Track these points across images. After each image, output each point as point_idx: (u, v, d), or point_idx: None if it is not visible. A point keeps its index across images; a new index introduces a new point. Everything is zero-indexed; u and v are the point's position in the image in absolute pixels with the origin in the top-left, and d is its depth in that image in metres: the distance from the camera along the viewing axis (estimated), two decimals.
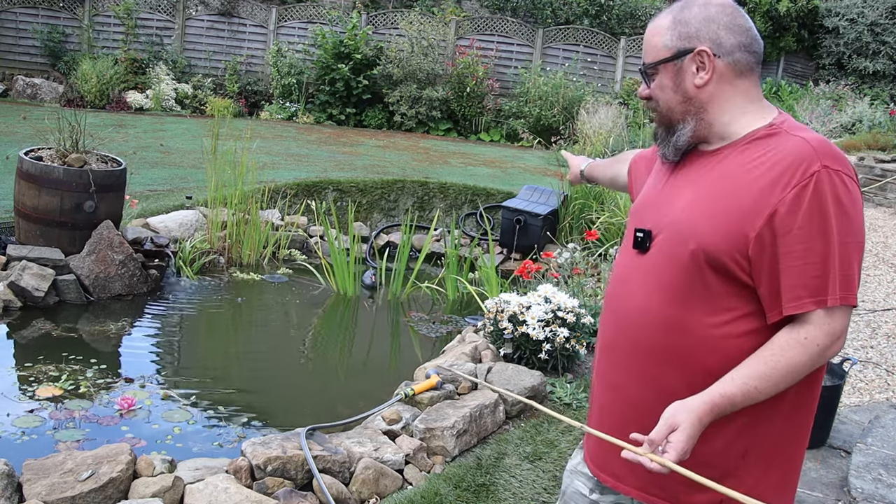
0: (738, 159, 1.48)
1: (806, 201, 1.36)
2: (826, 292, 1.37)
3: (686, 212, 1.49)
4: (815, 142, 1.42)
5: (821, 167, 1.37)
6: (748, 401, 1.39)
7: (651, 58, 1.55)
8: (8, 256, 4.86)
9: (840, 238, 1.38)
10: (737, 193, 1.43)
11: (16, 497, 2.62)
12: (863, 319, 5.54)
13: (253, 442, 2.96)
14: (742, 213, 1.41)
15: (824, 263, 1.37)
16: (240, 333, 5.28)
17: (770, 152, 1.44)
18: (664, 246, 1.51)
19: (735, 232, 1.41)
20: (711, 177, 1.50)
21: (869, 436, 3.32)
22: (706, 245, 1.43)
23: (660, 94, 1.55)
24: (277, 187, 7.20)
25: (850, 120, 13.19)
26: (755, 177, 1.42)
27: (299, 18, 13.90)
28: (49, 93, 12.59)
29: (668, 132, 1.57)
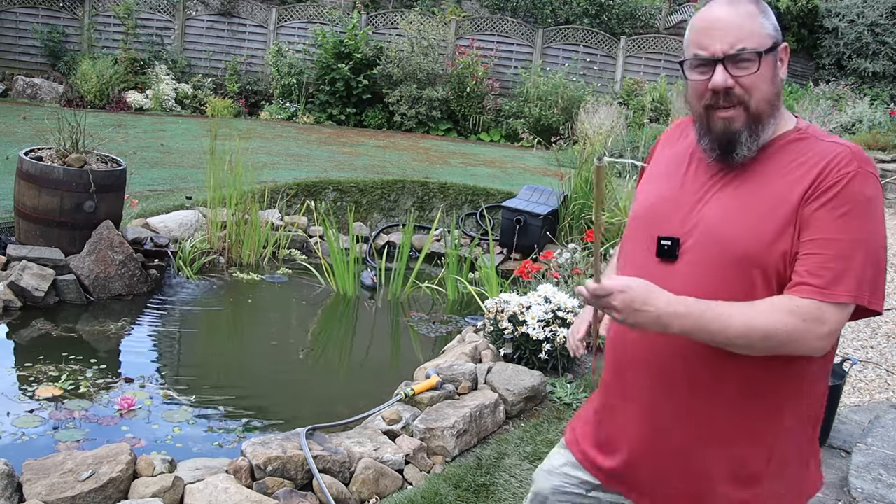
0: (774, 161, 1.44)
1: (841, 195, 1.35)
2: (840, 287, 1.33)
3: (724, 218, 1.43)
4: (852, 145, 1.42)
5: (858, 167, 1.37)
6: (713, 324, 1.34)
7: (755, 43, 1.41)
8: (8, 256, 4.86)
9: (872, 237, 1.36)
10: (777, 197, 1.39)
11: (16, 497, 2.62)
12: (863, 319, 5.55)
13: (253, 442, 2.96)
14: (784, 215, 1.38)
15: (849, 259, 1.34)
16: (240, 333, 5.28)
17: (806, 154, 1.42)
18: (702, 254, 1.44)
19: (779, 234, 1.37)
20: (745, 179, 1.45)
21: (869, 436, 3.32)
22: (753, 251, 1.39)
23: (759, 85, 1.42)
24: (277, 187, 7.20)
25: (850, 120, 13.19)
26: (793, 179, 1.40)
27: (299, 18, 13.90)
28: (49, 93, 12.59)
29: (753, 130, 1.44)
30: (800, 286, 1.35)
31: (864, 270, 1.34)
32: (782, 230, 1.37)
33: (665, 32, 14.93)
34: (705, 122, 1.47)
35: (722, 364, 1.42)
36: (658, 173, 1.63)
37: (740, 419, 1.46)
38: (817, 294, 1.33)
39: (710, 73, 1.43)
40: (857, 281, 1.33)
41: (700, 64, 1.44)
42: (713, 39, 1.42)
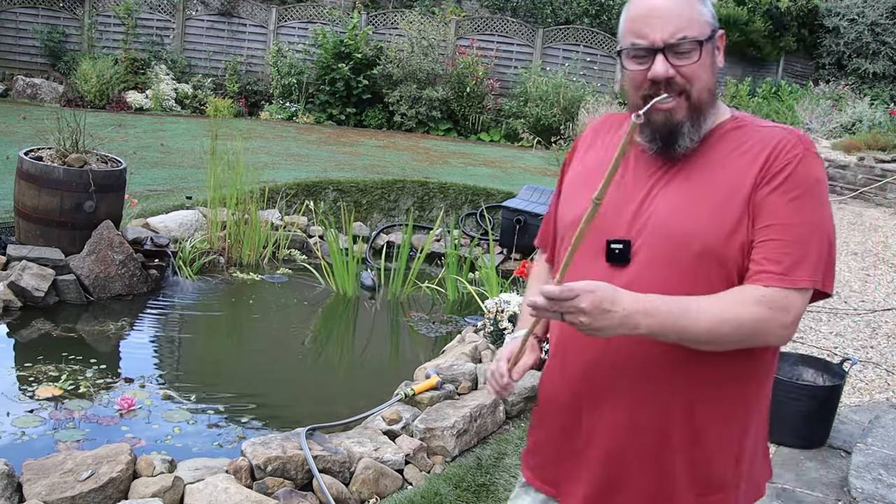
0: (716, 151, 1.40)
1: (791, 179, 1.33)
2: (800, 272, 1.31)
3: (675, 213, 1.37)
4: (794, 129, 1.41)
5: (805, 150, 1.35)
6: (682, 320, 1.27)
7: (695, 31, 1.35)
8: (8, 256, 4.86)
9: (824, 220, 1.34)
10: (726, 186, 1.36)
11: (16, 497, 2.62)
12: (863, 319, 5.55)
13: (253, 442, 2.96)
14: (737, 203, 1.34)
15: (806, 243, 1.32)
16: (240, 333, 5.28)
17: (749, 141, 1.39)
18: (656, 253, 1.37)
19: (735, 224, 1.33)
20: (689, 171, 1.40)
21: (869, 436, 3.32)
22: (711, 245, 1.34)
23: (700, 75, 1.37)
24: (277, 187, 7.20)
25: (850, 120, 13.19)
26: (740, 166, 1.36)
27: (299, 18, 13.90)
28: (49, 93, 12.59)
29: (695, 120, 1.39)
30: (761, 274, 1.31)
31: (820, 254, 1.32)
32: (738, 220, 1.33)
33: None
34: (645, 114, 1.40)
35: (689, 364, 1.37)
36: (588, 174, 1.53)
37: (710, 420, 1.41)
38: (780, 281, 1.30)
39: (648, 62, 1.36)
40: (815, 265, 1.31)
41: (638, 53, 1.37)
42: (652, 28, 1.35)
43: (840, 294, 6.15)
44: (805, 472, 3.14)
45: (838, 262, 7.09)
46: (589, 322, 1.24)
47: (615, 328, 1.25)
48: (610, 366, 1.42)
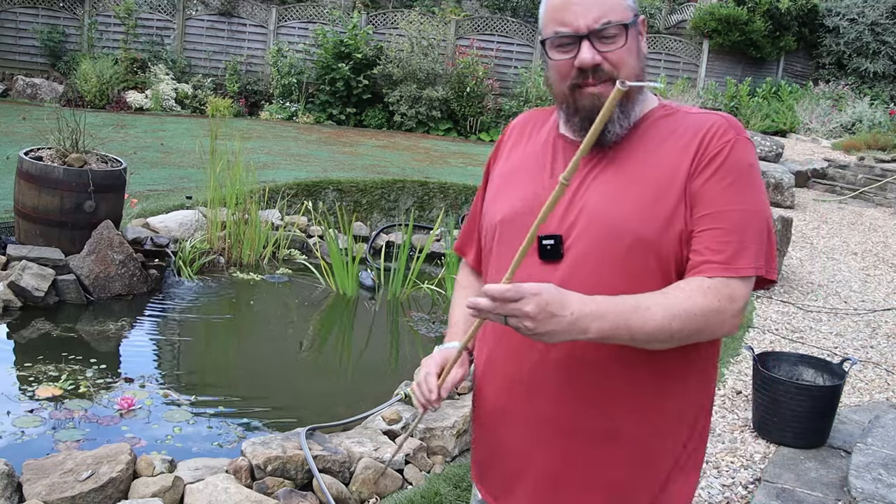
0: (647, 139, 1.36)
1: (725, 165, 1.30)
2: (742, 260, 1.28)
3: (607, 205, 1.32)
4: (724, 114, 1.37)
5: (736, 135, 1.32)
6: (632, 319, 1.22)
7: (619, 15, 1.32)
8: (8, 256, 4.86)
9: (761, 205, 1.32)
10: (657, 175, 1.32)
11: (16, 497, 2.62)
12: (863, 319, 5.55)
13: (253, 442, 2.96)
14: (670, 191, 1.30)
15: (745, 230, 1.29)
16: (239, 333, 5.28)
17: (680, 128, 1.36)
18: (590, 246, 1.32)
19: (669, 213, 1.30)
20: (620, 161, 1.36)
21: (869, 436, 3.32)
22: (645, 235, 1.29)
23: (627, 60, 1.33)
24: (277, 187, 7.20)
25: (850, 120, 13.19)
26: (671, 153, 1.33)
27: (299, 18, 13.91)
28: (49, 93, 12.59)
29: (623, 106, 1.35)
30: (704, 265, 1.28)
31: (760, 240, 1.30)
32: (673, 210, 1.30)
33: (665, 32, 14.93)
34: (572, 103, 1.37)
35: (634, 366, 1.33)
36: (516, 171, 1.48)
37: (654, 423, 1.37)
38: (723, 271, 1.27)
39: (574, 50, 1.32)
40: (756, 252, 1.29)
41: (563, 42, 1.33)
42: (575, 14, 1.31)
43: (840, 294, 6.15)
44: (805, 472, 3.14)
45: (839, 262, 7.10)
46: (534, 327, 1.16)
47: (562, 333, 1.19)
48: (536, 380, 1.37)
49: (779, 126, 13.20)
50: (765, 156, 10.62)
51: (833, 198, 10.12)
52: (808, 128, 13.28)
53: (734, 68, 14.73)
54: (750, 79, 14.26)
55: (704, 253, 1.28)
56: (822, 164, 10.94)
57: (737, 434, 3.55)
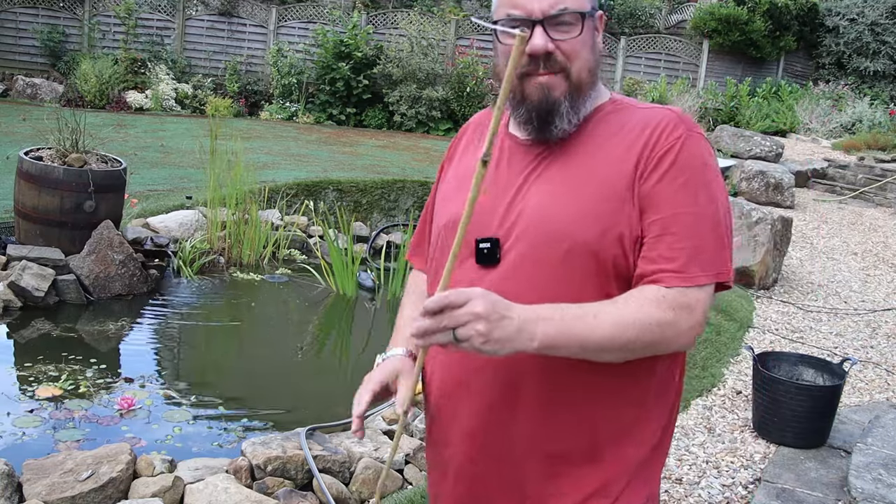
0: (595, 135, 1.28)
1: (673, 162, 1.21)
2: (698, 268, 1.20)
3: (547, 206, 1.24)
4: (676, 109, 1.30)
5: (686, 130, 1.24)
6: (578, 327, 1.14)
7: (576, 3, 1.24)
8: (8, 256, 4.86)
9: (715, 205, 1.23)
10: (603, 174, 1.24)
11: (16, 497, 2.62)
12: (863, 319, 5.55)
13: (253, 442, 2.96)
14: (615, 192, 1.22)
15: (701, 234, 1.21)
16: (239, 333, 5.28)
17: (628, 124, 1.27)
18: (527, 250, 1.24)
19: (613, 215, 1.21)
20: (565, 159, 1.28)
21: (869, 436, 3.32)
22: (585, 239, 1.21)
23: (581, 52, 1.25)
24: (277, 187, 7.20)
25: (850, 120, 13.20)
26: (619, 151, 1.25)
27: (299, 18, 13.91)
28: (49, 93, 12.59)
29: (573, 100, 1.26)
30: (659, 274, 1.19)
31: (716, 244, 1.22)
32: (618, 210, 1.21)
33: (665, 32, 14.93)
34: (519, 92, 1.28)
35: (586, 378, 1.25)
36: (465, 174, 1.39)
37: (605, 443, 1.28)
38: (679, 279, 1.18)
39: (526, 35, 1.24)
40: (712, 257, 1.21)
41: (514, 25, 1.23)
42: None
43: (840, 294, 6.15)
44: (805, 472, 3.14)
45: (839, 262, 7.10)
46: (487, 330, 1.08)
47: (513, 339, 1.10)
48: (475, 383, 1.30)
49: (779, 126, 13.20)
50: (765, 156, 10.62)
51: (833, 198, 10.12)
52: (808, 128, 13.29)
53: (734, 68, 14.73)
54: (750, 79, 14.26)
55: (657, 261, 1.20)
56: (822, 164, 10.94)
57: (737, 434, 3.55)
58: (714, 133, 11.51)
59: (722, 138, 11.20)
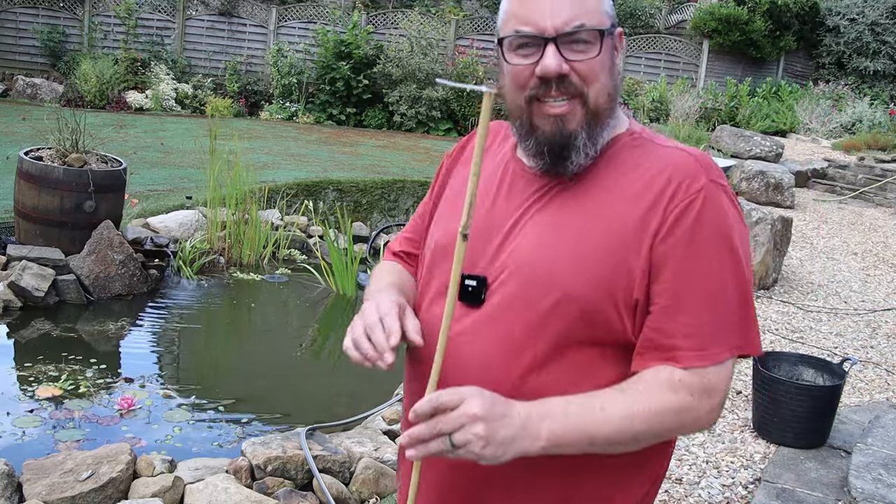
0: (607, 173, 1.15)
1: (693, 222, 1.08)
2: (719, 344, 1.07)
3: (540, 249, 1.12)
4: (696, 153, 1.15)
5: (707, 181, 1.10)
6: (586, 420, 1.04)
7: (595, 20, 1.10)
8: (8, 256, 4.86)
9: (737, 268, 1.10)
10: (608, 220, 1.10)
11: (16, 497, 2.62)
12: (863, 319, 5.55)
13: (253, 442, 2.96)
14: (619, 245, 1.09)
15: (723, 304, 1.08)
16: (239, 333, 5.28)
17: (643, 165, 1.14)
18: (510, 297, 1.12)
19: (613, 271, 1.08)
20: (571, 196, 1.15)
21: (869, 436, 3.32)
22: (576, 293, 1.08)
23: (599, 74, 1.11)
24: (277, 187, 7.20)
25: (850, 120, 13.20)
26: (630, 196, 1.11)
27: (299, 18, 13.91)
28: (49, 93, 12.59)
29: (591, 130, 1.13)
30: (674, 352, 1.06)
31: (741, 313, 1.09)
32: (620, 267, 1.08)
33: (665, 32, 14.93)
34: (528, 120, 1.14)
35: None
36: (456, 194, 1.28)
37: None
38: (699, 359, 1.06)
39: (537, 55, 1.10)
40: (736, 329, 1.09)
41: (524, 43, 1.11)
42: (543, 12, 1.09)
43: (840, 294, 6.15)
44: (805, 472, 3.14)
45: (839, 262, 7.10)
46: (488, 433, 0.97)
47: (516, 440, 1.00)
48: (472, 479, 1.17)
49: (779, 126, 13.21)
50: (765, 156, 10.62)
51: (833, 198, 10.12)
52: (808, 128, 13.29)
53: (734, 68, 14.73)
54: (750, 79, 14.26)
55: (673, 335, 1.07)
56: (822, 164, 10.94)
57: (737, 434, 3.55)
58: (714, 133, 11.51)
59: (722, 138, 11.19)
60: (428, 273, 1.26)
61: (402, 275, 1.35)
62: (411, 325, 1.15)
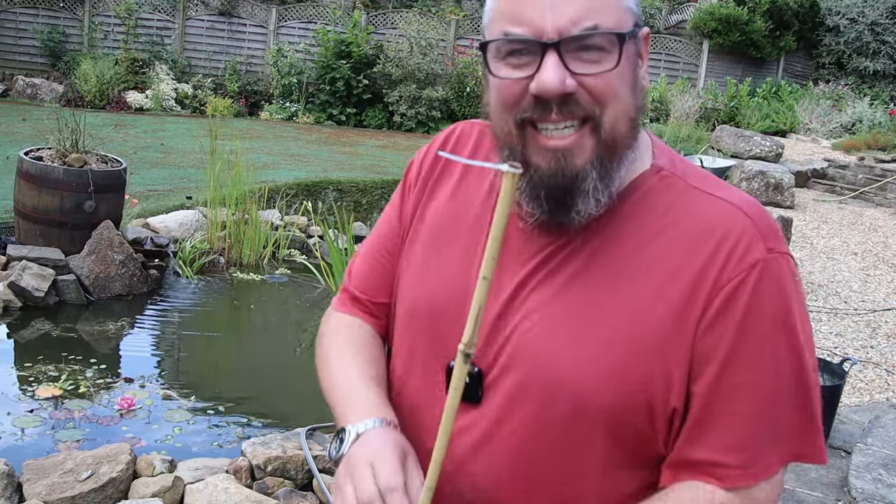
0: (626, 226, 0.88)
1: (745, 308, 0.84)
2: (772, 456, 0.86)
3: (548, 341, 0.87)
4: (749, 207, 0.88)
5: (765, 251, 0.85)
6: None
7: (611, 19, 0.82)
8: (8, 256, 4.86)
9: (799, 361, 0.86)
10: (638, 302, 0.85)
11: (16, 497, 2.62)
12: (863, 319, 5.55)
13: (253, 442, 2.96)
14: (654, 339, 0.84)
15: (779, 407, 0.85)
16: (239, 333, 5.28)
17: (680, 220, 0.87)
18: (513, 400, 0.89)
19: (646, 374, 0.84)
20: (584, 261, 0.88)
21: (869, 436, 3.32)
22: (598, 404, 0.85)
23: (619, 91, 0.83)
24: (277, 187, 7.20)
25: (850, 120, 13.20)
26: (665, 267, 0.86)
27: (299, 18, 13.91)
28: (49, 93, 12.59)
29: (605, 168, 0.85)
30: (716, 469, 0.86)
31: (800, 416, 0.87)
32: (654, 366, 0.84)
33: (665, 32, 14.93)
34: (519, 151, 0.86)
35: None
36: (444, 231, 0.99)
37: None
38: (745, 478, 0.85)
39: (532, 65, 0.82)
40: (794, 436, 0.87)
41: (515, 49, 0.83)
42: (541, 9, 0.81)
43: (840, 294, 6.15)
44: (805, 472, 3.14)
45: (839, 262, 7.10)
46: None
47: None
48: None
49: (779, 126, 13.21)
50: (765, 156, 10.62)
51: (833, 198, 10.12)
52: (808, 128, 13.29)
53: (734, 68, 14.73)
54: (750, 79, 14.26)
55: (714, 448, 0.85)
56: (822, 164, 10.94)
57: None
58: (714, 133, 11.51)
59: (722, 138, 11.20)
60: (405, 339, 1.01)
61: (374, 351, 1.07)
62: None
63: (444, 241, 0.99)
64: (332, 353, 1.09)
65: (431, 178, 1.04)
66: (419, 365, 0.98)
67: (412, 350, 1.00)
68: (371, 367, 1.03)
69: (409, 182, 1.08)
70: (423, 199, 1.04)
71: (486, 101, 0.90)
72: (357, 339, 1.09)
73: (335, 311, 1.17)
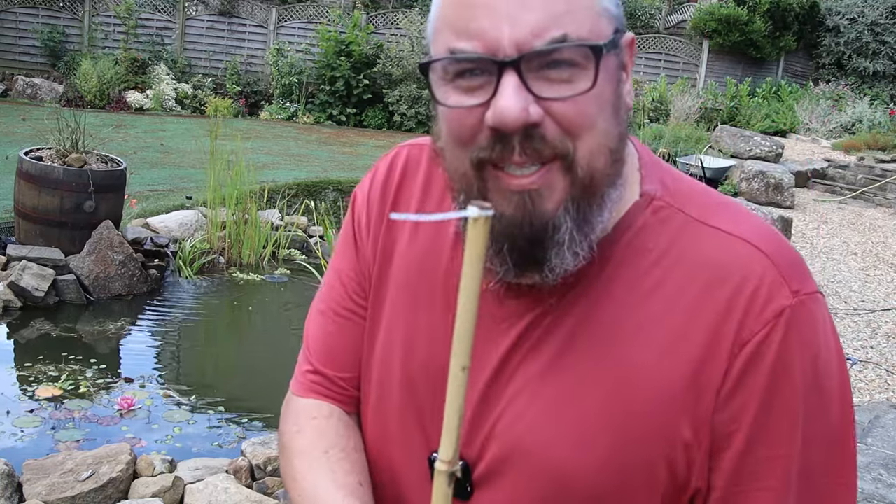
0: (617, 284, 0.73)
1: (771, 369, 0.69)
2: None
3: (545, 432, 0.73)
4: (763, 240, 0.72)
5: (792, 296, 0.70)
6: None
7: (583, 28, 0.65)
8: (8, 256, 4.86)
9: (834, 423, 0.72)
10: (642, 375, 0.71)
11: (16, 497, 2.62)
12: (863, 319, 5.55)
13: (253, 442, 2.96)
14: (666, 420, 0.71)
15: (807, 480, 0.72)
16: (239, 333, 5.28)
17: (682, 264, 0.72)
18: (513, 495, 0.75)
19: (653, 460, 0.71)
20: (571, 337, 0.73)
21: (869, 436, 3.32)
22: (606, 490, 0.72)
23: (593, 119, 0.67)
24: (277, 187, 7.20)
25: (850, 120, 13.21)
26: (668, 328, 0.71)
27: (299, 18, 13.92)
28: (49, 93, 12.60)
29: (582, 214, 0.68)
30: None
31: (833, 480, 0.73)
32: (663, 451, 0.71)
33: (665, 32, 14.93)
34: (477, 196, 0.69)
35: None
36: (407, 282, 0.84)
37: None
38: None
39: (487, 89, 0.66)
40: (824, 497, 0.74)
41: (464, 69, 0.67)
42: (495, 17, 0.64)
43: (840, 294, 6.15)
44: None
45: (839, 262, 7.10)
46: None
47: None
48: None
49: (779, 126, 13.21)
50: (765, 156, 10.62)
51: (833, 198, 10.12)
52: (808, 128, 13.29)
53: (734, 68, 14.73)
54: (750, 79, 14.27)
55: None
56: (822, 164, 10.95)
57: None
58: (714, 133, 11.51)
59: (722, 138, 11.20)
60: (379, 412, 0.87)
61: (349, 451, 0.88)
62: None
63: (412, 298, 0.83)
64: (296, 464, 0.90)
65: (384, 220, 0.87)
66: (397, 454, 0.84)
67: (382, 421, 0.86)
68: (347, 475, 0.84)
69: (358, 225, 0.91)
70: (380, 244, 0.87)
71: (436, 134, 0.73)
72: (327, 435, 0.90)
73: (294, 395, 1.00)
